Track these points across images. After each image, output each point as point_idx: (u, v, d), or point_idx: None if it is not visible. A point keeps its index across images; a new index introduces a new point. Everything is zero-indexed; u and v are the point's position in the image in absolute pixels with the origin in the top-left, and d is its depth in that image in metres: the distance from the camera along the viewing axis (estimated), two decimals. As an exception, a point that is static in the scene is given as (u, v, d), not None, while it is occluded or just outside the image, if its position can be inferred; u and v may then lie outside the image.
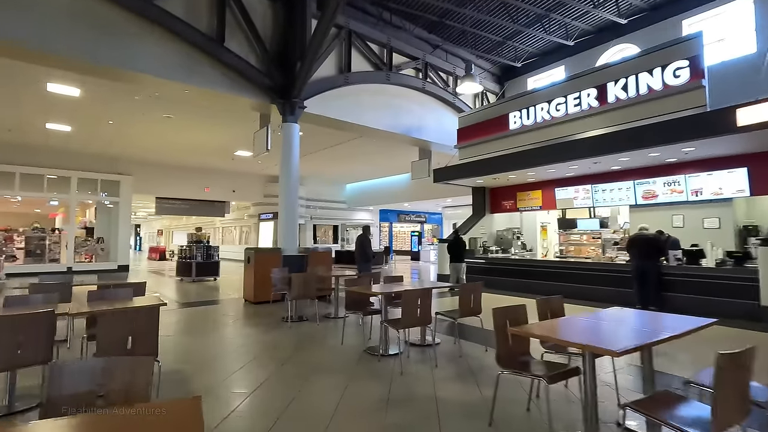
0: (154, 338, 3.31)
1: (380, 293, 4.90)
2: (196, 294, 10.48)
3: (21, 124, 12.19)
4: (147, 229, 40.66)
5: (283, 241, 9.33)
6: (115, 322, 3.19)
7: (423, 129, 12.77)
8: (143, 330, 3.24)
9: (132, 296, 4.52)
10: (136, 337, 3.20)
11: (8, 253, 15.59)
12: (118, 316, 3.23)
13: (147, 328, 3.27)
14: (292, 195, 9.58)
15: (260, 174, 20.48)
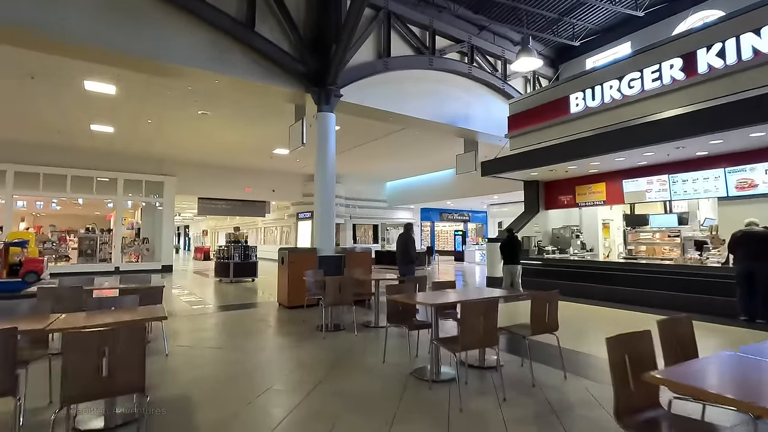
0: (139, 366, 2.51)
1: (430, 304, 3.91)
2: (231, 296, 9.94)
3: (68, 126, 12.26)
4: (195, 229, 41.85)
5: (318, 241, 8.56)
6: (85, 342, 2.42)
7: (470, 118, 11.63)
8: (124, 355, 2.45)
9: (137, 305, 3.81)
10: (115, 365, 2.41)
11: (62, 253, 15.99)
12: (86, 337, 2.45)
13: (129, 353, 2.48)
14: (328, 190, 8.79)
15: (299, 173, 20.05)
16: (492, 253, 11.43)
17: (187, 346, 5.28)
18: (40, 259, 9.93)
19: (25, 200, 21.48)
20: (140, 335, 2.55)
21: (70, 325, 2.82)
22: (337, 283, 5.72)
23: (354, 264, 8.41)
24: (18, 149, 14.32)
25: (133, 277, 6.26)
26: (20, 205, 21.83)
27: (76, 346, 2.38)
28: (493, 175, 11.74)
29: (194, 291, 10.81)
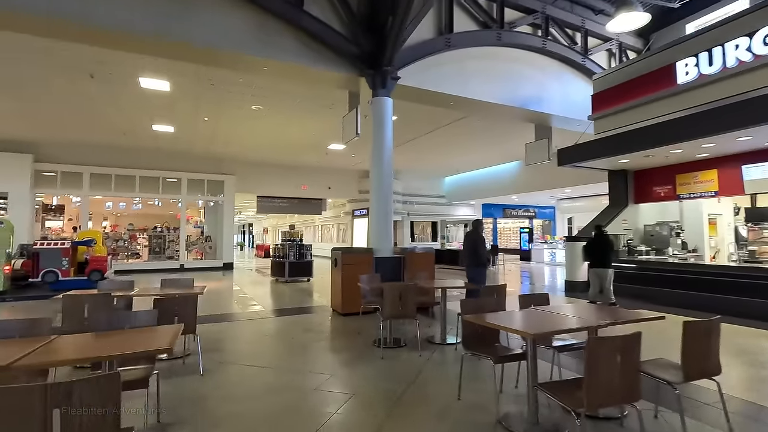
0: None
1: (532, 335, 2.75)
2: (284, 298, 9.34)
3: (132, 127, 12.43)
4: (258, 227, 43.15)
5: (375, 240, 7.63)
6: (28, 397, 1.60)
7: (543, 100, 10.11)
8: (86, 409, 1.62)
9: (155, 322, 3.06)
10: None
11: (133, 251, 16.59)
12: (29, 391, 1.63)
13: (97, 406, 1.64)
14: (385, 183, 7.83)
15: (354, 169, 19.38)
16: (573, 253, 9.87)
17: (227, 363, 4.56)
18: (103, 257, 10.00)
19: (111, 201, 22.99)
20: (114, 389, 1.70)
21: (34, 362, 2.06)
22: (397, 291, 4.73)
23: (415, 267, 7.37)
24: (92, 152, 14.93)
25: (175, 280, 5.71)
26: (108, 206, 23.46)
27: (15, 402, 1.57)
28: (571, 164, 10.15)
29: (248, 291, 10.39)
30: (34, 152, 14.21)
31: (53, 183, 14.63)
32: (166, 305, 3.98)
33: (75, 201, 15.66)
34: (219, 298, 9.16)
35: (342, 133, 9.03)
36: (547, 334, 2.62)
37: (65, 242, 9.56)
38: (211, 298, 9.04)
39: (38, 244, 9.41)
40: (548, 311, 3.40)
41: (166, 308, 3.96)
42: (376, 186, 7.81)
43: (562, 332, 2.75)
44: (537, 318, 3.16)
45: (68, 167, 14.74)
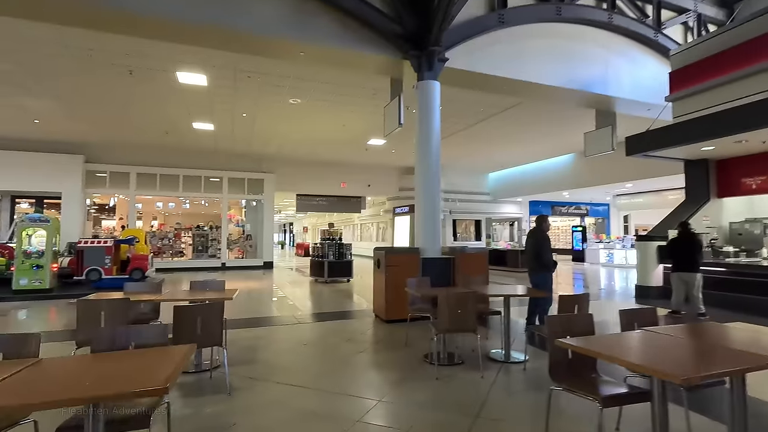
0: None
1: (683, 378, 1.86)
2: (323, 301, 8.78)
3: (173, 125, 12.37)
4: (298, 226, 43.51)
5: (421, 239, 6.87)
6: None
7: (609, 82, 8.94)
8: None
9: (166, 339, 2.47)
10: None
11: (177, 249, 16.76)
12: None
13: None
14: (433, 178, 7.04)
15: (394, 166, 18.68)
16: (646, 254, 8.65)
17: (259, 379, 3.97)
18: (144, 255, 9.89)
19: (162, 201, 23.67)
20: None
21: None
22: (455, 301, 3.94)
23: (468, 269, 6.55)
24: (138, 152, 15.15)
25: (206, 282, 5.24)
26: (158, 206, 24.21)
27: None
28: (642, 153, 8.91)
29: (287, 292, 9.94)
30: (85, 153, 14.58)
31: (103, 183, 14.97)
32: (188, 314, 3.41)
33: (123, 199, 16.01)
34: (256, 300, 8.74)
35: (384, 124, 8.35)
36: (704, 377, 1.77)
37: (108, 241, 9.49)
38: (249, 299, 8.64)
39: (83, 242, 9.39)
40: (670, 335, 2.50)
41: (187, 317, 3.40)
42: (422, 180, 7.04)
43: (725, 374, 1.88)
44: (662, 347, 2.29)
45: (116, 167, 15.03)
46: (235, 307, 7.60)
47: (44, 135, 13.42)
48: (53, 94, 9.72)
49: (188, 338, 3.36)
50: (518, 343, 5.07)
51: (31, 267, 8.71)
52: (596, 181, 15.42)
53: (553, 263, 5.84)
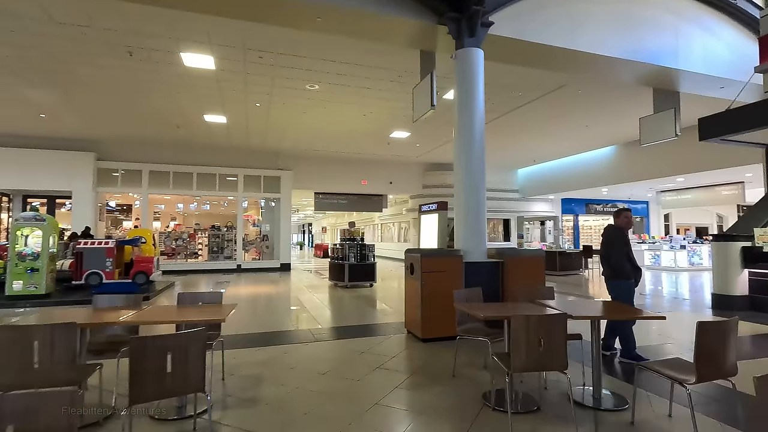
0: None
1: None
2: (343, 310, 7.63)
3: (184, 119, 11.49)
4: (317, 227, 42.66)
5: (463, 240, 5.64)
6: None
7: (678, 54, 7.52)
8: None
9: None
10: None
11: (192, 250, 15.95)
12: None
13: None
14: (476, 165, 5.80)
15: (417, 162, 17.47)
16: (727, 258, 7.19)
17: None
18: (149, 258, 8.96)
19: (182, 202, 23.11)
20: None
21: None
22: (536, 327, 2.71)
23: (519, 275, 5.30)
24: (150, 149, 14.40)
25: (199, 295, 4.16)
26: (179, 207, 23.66)
27: None
28: (720, 138, 7.45)
29: (303, 298, 8.84)
30: (97, 150, 13.89)
31: (114, 181, 14.25)
32: (153, 348, 2.30)
33: (139, 198, 15.28)
34: (268, 308, 7.66)
35: (413, 109, 7.17)
36: None
37: (109, 241, 8.59)
38: (260, 308, 7.57)
39: (81, 243, 8.51)
40: None
41: (152, 353, 2.28)
42: (463, 169, 5.81)
43: None
44: None
45: (128, 165, 14.29)
46: (243, 319, 6.53)
47: (53, 132, 12.75)
48: (52, 82, 8.89)
49: (152, 387, 2.25)
50: (604, 380, 3.79)
51: (25, 270, 7.86)
52: (642, 175, 13.84)
53: (632, 269, 4.53)
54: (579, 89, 9.34)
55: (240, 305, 7.80)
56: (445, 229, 11.10)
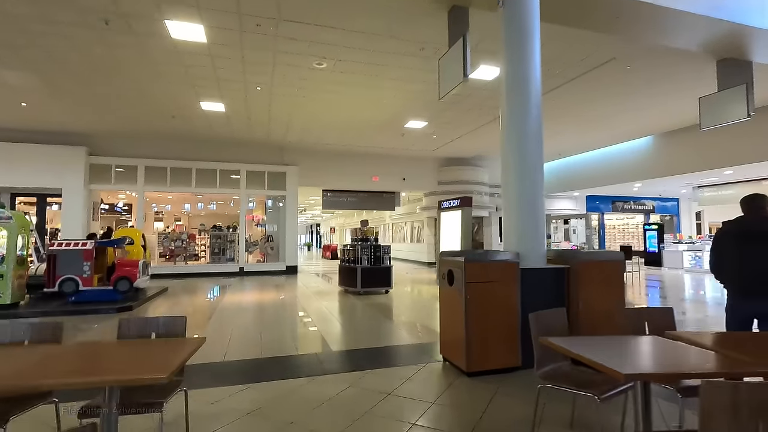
0: None
1: None
2: (361, 326, 6.32)
3: (179, 106, 10.28)
4: (325, 227, 41.42)
5: (516, 240, 4.31)
6: None
7: (765, 11, 6.11)
8: None
9: None
10: None
11: (191, 252, 14.78)
12: None
13: None
14: (532, 146, 4.47)
15: (433, 156, 16.14)
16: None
17: None
18: (132, 261, 7.73)
19: (189, 202, 22.04)
20: None
21: None
22: (749, 401, 1.38)
23: (594, 288, 3.96)
24: (145, 143, 13.27)
25: (149, 321, 2.85)
26: (187, 208, 22.59)
27: None
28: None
29: (309, 309, 7.56)
30: (88, 144, 12.77)
31: (108, 177, 13.11)
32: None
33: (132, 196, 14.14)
34: (268, 323, 6.38)
35: (439, 84, 5.89)
36: None
37: (87, 243, 7.38)
38: (259, 321, 6.29)
39: (56, 244, 7.31)
40: None
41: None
42: (515, 148, 4.48)
43: None
44: None
45: (122, 160, 13.15)
46: (235, 337, 5.26)
47: (39, 124, 11.63)
48: (26, 61, 7.71)
49: None
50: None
51: (-13, 277, 6.68)
52: (684, 168, 12.36)
53: (735, 275, 3.13)
54: (628, 65, 7.95)
55: (234, 317, 6.53)
56: (469, 227, 9.76)
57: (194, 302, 8.12)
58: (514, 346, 3.87)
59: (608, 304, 4.07)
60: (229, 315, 6.74)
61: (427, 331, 5.74)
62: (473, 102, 10.05)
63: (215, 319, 6.47)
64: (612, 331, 3.96)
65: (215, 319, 6.47)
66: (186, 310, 7.37)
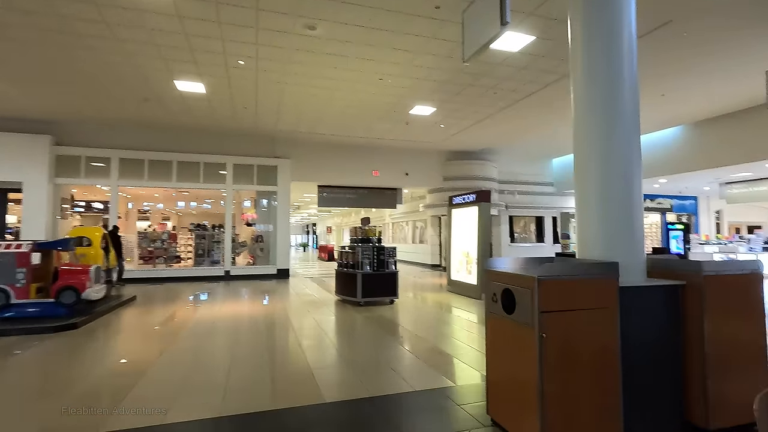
0: None
1: None
2: (364, 357, 4.85)
3: (151, 86, 8.76)
4: (321, 227, 39.86)
5: (602, 244, 2.85)
6: None
7: None
8: None
9: None
10: None
11: (172, 254, 13.25)
12: None
13: None
14: (628, 108, 2.99)
15: (439, 150, 14.70)
16: None
17: None
18: (80, 268, 6.21)
19: (183, 201, 20.45)
20: None
21: None
22: None
23: (724, 317, 2.52)
24: (120, 132, 11.75)
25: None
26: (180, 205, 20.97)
27: None
28: None
29: (299, 329, 6.09)
30: (54, 133, 11.22)
31: (77, 170, 11.55)
32: None
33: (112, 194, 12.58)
34: (239, 355, 4.89)
35: (462, 45, 4.43)
36: None
37: (22, 244, 5.85)
38: (228, 351, 4.80)
39: None
40: None
41: None
42: (600, 111, 3.02)
43: None
44: None
45: (94, 151, 11.61)
46: (191, 381, 3.77)
47: (-7, 107, 10.10)
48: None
49: None
50: None
51: None
52: (720, 161, 10.97)
53: None
54: (685, 31, 6.53)
55: (200, 344, 5.04)
56: (488, 226, 8.33)
57: (157, 318, 6.63)
58: (614, 412, 2.42)
59: (749, 340, 2.64)
60: (194, 339, 5.25)
61: (455, 364, 4.29)
62: (488, 83, 8.62)
63: (174, 345, 4.98)
64: (761, 384, 2.53)
65: (174, 345, 4.98)
66: (143, 330, 5.88)
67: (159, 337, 5.45)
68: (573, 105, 3.20)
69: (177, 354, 4.60)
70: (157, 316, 6.71)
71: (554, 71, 7.99)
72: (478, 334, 5.59)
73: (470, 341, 5.19)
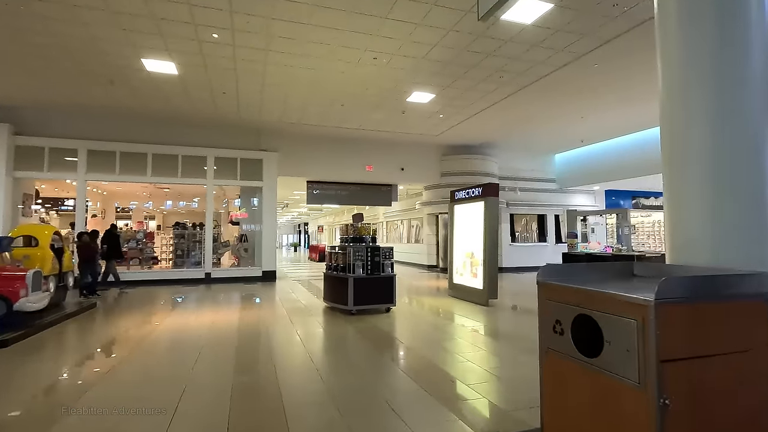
0: None
1: None
2: (358, 394, 3.83)
3: (114, 64, 7.64)
4: (313, 227, 38.69)
5: (723, 250, 1.88)
6: None
7: None
8: None
9: None
10: None
11: (148, 255, 12.10)
12: None
13: None
14: (756, 71, 2.02)
15: (436, 144, 13.73)
16: None
17: None
18: (16, 273, 5.11)
19: (171, 200, 19.24)
20: None
21: None
22: None
23: None
24: (88, 121, 10.58)
25: None
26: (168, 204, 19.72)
27: None
28: None
29: (274, 348, 5.05)
30: (13, 121, 10.03)
31: (40, 163, 10.35)
32: None
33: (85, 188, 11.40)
34: (192, 391, 3.84)
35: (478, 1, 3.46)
36: None
37: (-63, 244, 4.73)
38: (177, 388, 3.74)
39: None
40: None
41: None
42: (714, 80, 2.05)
43: None
44: None
45: (59, 141, 10.42)
46: (120, 428, 2.72)
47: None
48: None
49: None
50: None
51: None
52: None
53: None
54: None
55: (147, 366, 3.98)
56: (495, 223, 7.36)
57: (110, 333, 5.55)
58: None
59: None
60: (142, 364, 4.20)
61: (472, 399, 3.30)
62: (495, 64, 7.65)
63: (114, 375, 3.92)
64: None
65: (114, 375, 3.92)
66: (84, 350, 4.81)
67: (100, 361, 4.39)
68: (660, 54, 2.22)
69: (112, 387, 3.54)
70: (110, 331, 5.63)
71: (572, 50, 7.03)
72: (493, 352, 4.61)
73: (486, 363, 4.21)
